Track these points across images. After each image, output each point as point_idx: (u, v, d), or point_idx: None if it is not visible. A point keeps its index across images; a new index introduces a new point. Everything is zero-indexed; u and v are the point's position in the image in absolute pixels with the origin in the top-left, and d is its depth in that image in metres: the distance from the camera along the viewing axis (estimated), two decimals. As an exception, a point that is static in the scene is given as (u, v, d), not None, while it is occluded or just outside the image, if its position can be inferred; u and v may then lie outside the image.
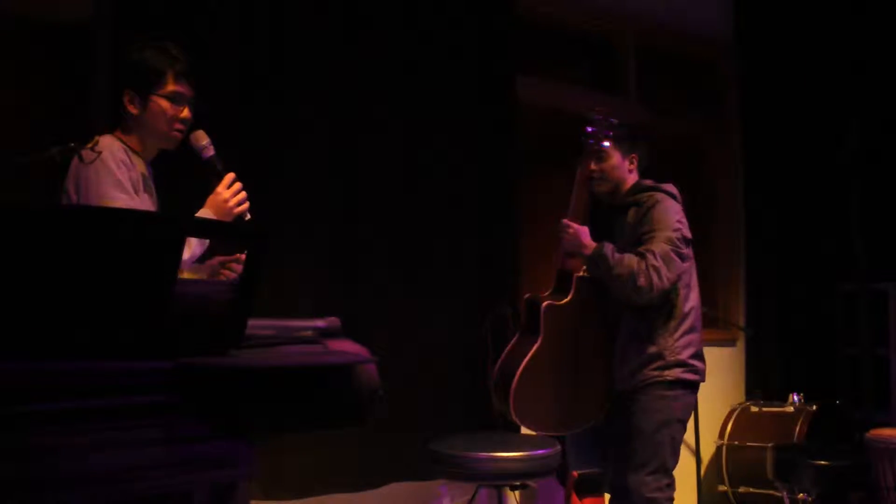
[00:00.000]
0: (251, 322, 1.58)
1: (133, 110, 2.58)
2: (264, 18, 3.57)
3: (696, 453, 4.77)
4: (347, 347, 1.81)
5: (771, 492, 4.50)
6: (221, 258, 2.79)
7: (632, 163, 3.53)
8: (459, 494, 4.02)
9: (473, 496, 3.49)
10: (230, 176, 2.60)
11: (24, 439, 1.19)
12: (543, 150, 4.93)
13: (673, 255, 3.21)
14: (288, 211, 3.57)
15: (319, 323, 2.42)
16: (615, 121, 3.48)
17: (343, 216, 3.76)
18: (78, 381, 1.27)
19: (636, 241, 3.30)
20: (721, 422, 5.03)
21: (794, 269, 5.60)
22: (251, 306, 1.52)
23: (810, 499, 3.67)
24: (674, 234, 3.26)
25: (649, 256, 3.19)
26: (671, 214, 3.32)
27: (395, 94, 3.94)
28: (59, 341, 1.28)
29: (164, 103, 2.58)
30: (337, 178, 3.76)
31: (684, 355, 3.27)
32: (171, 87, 2.59)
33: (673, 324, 3.28)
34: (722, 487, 4.94)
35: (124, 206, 2.39)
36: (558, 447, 3.21)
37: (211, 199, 2.58)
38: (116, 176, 2.45)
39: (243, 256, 2.73)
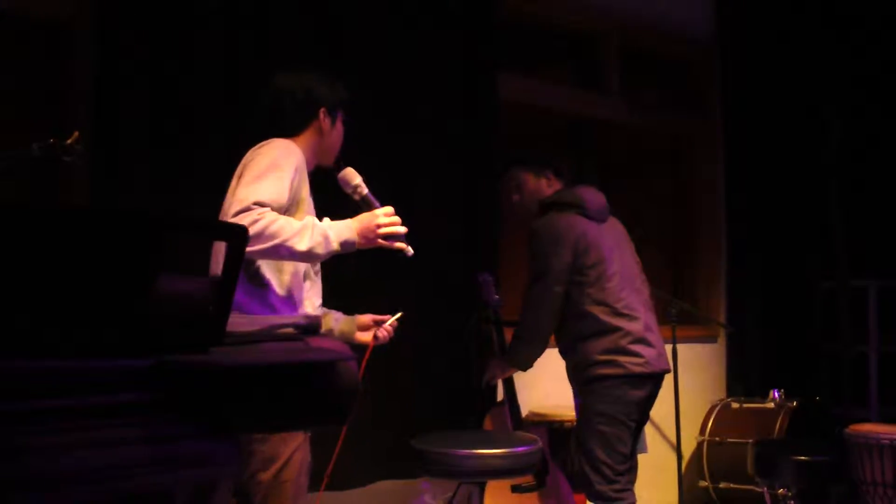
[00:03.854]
0: (232, 319, 1.58)
1: (325, 126, 2.80)
2: (248, 15, 3.55)
3: (678, 449, 4.79)
4: (328, 344, 1.81)
5: (751, 487, 4.53)
6: (375, 317, 3.00)
7: (549, 178, 3.72)
8: (441, 491, 4.02)
9: (455, 493, 3.49)
10: (390, 208, 2.67)
11: (2, 439, 1.19)
12: (526, 148, 4.93)
13: (535, 302, 3.48)
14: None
15: (300, 319, 2.41)
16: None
17: (323, 207, 3.74)
18: (57, 380, 1.26)
19: None
20: (702, 418, 5.06)
21: (775, 266, 5.63)
22: (231, 303, 1.51)
23: (790, 494, 3.70)
24: (538, 273, 3.47)
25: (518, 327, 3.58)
26: (542, 247, 3.49)
27: (378, 92, 3.93)
28: (39, 340, 1.27)
29: (342, 127, 2.88)
30: (317, 171, 3.75)
31: (594, 353, 3.42)
32: (344, 116, 2.89)
33: (577, 336, 3.49)
34: (703, 483, 4.97)
35: (267, 193, 2.40)
36: (539, 444, 3.22)
37: (364, 217, 2.62)
38: (281, 164, 2.52)
39: (393, 322, 3.01)
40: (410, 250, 2.64)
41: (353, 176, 2.74)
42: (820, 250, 5.75)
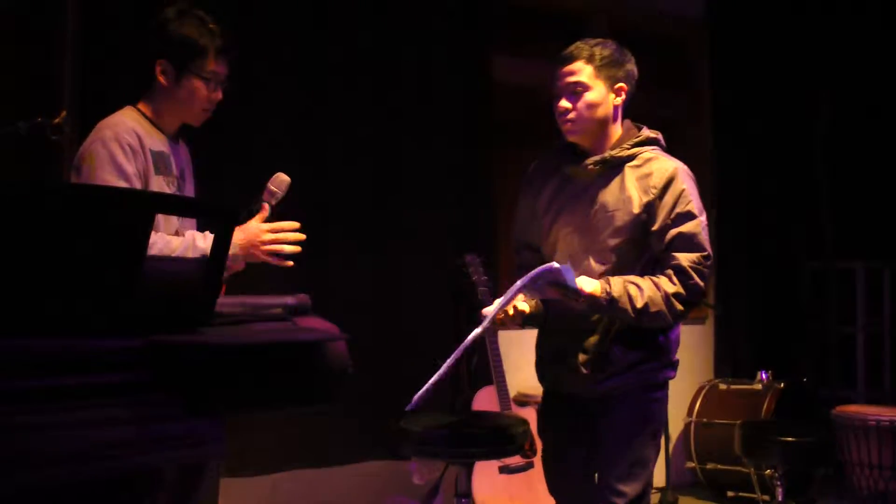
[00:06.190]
0: (220, 300, 1.57)
1: (164, 83, 2.42)
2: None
3: (665, 430, 4.81)
4: (317, 325, 1.81)
5: (739, 468, 4.55)
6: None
7: (618, 96, 2.75)
8: (429, 472, 4.03)
9: (443, 473, 3.50)
10: (292, 224, 2.42)
11: (-9, 418, 1.18)
12: (517, 127, 4.92)
13: (705, 258, 2.58)
14: (257, 190, 3.53)
15: (289, 300, 2.40)
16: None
17: (313, 192, 3.74)
18: (47, 359, 1.25)
19: (647, 221, 2.62)
20: (690, 399, 5.08)
21: (762, 248, 5.65)
22: (220, 283, 1.51)
23: (777, 475, 3.72)
24: (705, 224, 2.63)
25: (688, 271, 2.53)
26: (696, 193, 2.67)
27: (369, 73, 3.91)
28: (28, 319, 1.27)
29: (201, 83, 2.43)
30: (308, 156, 3.74)
31: (675, 354, 2.71)
32: (210, 67, 2.43)
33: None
34: (690, 464, 5.00)
35: None
36: (528, 425, 3.23)
37: (249, 230, 2.38)
38: (118, 161, 2.28)
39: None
40: (289, 263, 2.44)
41: (283, 184, 2.47)
42: (808, 232, 5.76)
